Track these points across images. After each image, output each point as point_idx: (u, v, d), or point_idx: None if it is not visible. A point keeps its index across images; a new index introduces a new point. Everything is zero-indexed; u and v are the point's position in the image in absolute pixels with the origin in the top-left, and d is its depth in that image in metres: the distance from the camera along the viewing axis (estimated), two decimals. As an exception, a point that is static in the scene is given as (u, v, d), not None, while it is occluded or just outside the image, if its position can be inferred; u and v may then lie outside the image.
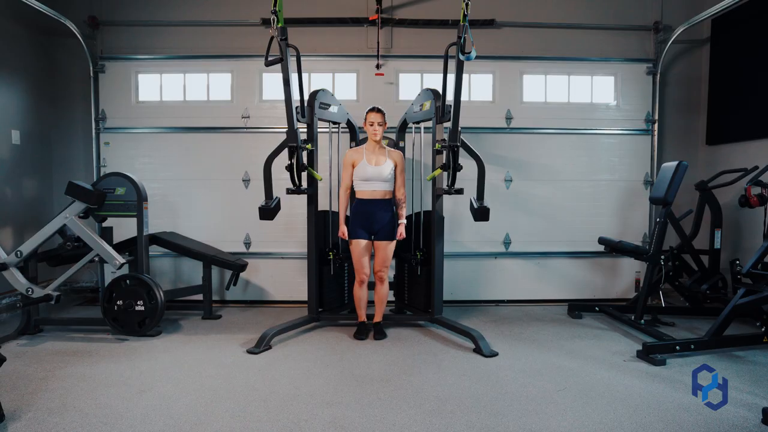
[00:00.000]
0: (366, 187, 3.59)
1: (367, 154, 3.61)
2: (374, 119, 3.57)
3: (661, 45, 4.76)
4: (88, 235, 3.62)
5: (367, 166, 3.57)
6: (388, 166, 3.61)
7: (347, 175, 3.66)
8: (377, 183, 3.57)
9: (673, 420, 2.37)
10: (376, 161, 3.59)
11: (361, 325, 3.74)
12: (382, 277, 3.67)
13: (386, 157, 3.62)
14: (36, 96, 4.62)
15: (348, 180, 3.66)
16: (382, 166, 3.58)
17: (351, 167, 3.63)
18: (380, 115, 3.58)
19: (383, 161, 3.61)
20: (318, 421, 2.36)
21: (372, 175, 3.55)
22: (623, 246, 4.10)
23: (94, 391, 2.68)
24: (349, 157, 3.65)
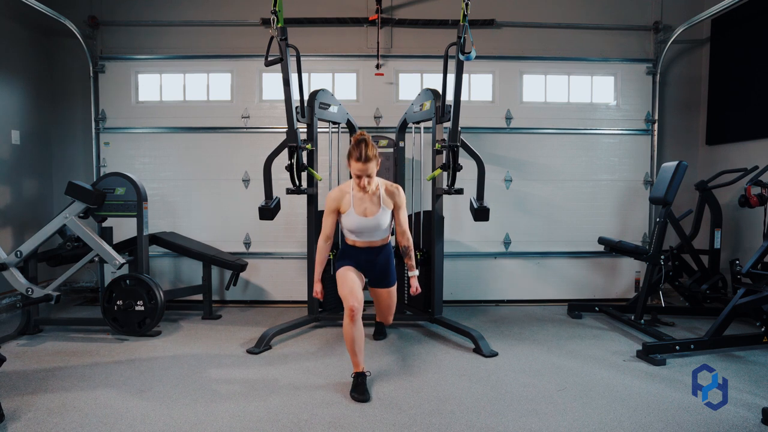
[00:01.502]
0: (358, 238, 2.90)
1: (356, 201, 2.81)
2: (360, 171, 2.67)
3: (661, 45, 4.76)
4: (87, 235, 3.62)
5: (358, 218, 2.81)
6: (385, 215, 2.84)
7: (329, 223, 2.86)
8: (371, 233, 2.87)
9: (673, 420, 2.37)
10: (369, 210, 2.82)
11: (359, 377, 2.67)
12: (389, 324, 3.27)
13: (380, 203, 2.83)
14: (36, 96, 4.62)
15: (330, 229, 2.87)
16: (376, 216, 2.82)
17: (334, 214, 2.86)
18: (368, 164, 2.66)
19: (377, 210, 2.82)
20: (318, 421, 2.36)
21: (364, 227, 2.83)
22: (623, 246, 4.10)
23: (94, 391, 2.68)
24: (331, 201, 2.84)
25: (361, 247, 2.92)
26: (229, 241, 4.69)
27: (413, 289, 2.95)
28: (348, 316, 2.65)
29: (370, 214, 2.82)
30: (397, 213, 2.91)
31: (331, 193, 2.89)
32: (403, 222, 2.92)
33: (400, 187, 2.93)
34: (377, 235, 2.89)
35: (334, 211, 2.86)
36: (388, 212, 2.88)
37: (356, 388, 2.63)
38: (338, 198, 2.84)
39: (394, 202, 2.89)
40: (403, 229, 2.93)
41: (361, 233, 2.87)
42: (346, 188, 2.87)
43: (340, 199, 2.84)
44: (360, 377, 2.66)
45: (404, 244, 2.95)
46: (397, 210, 2.90)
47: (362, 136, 2.71)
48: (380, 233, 2.90)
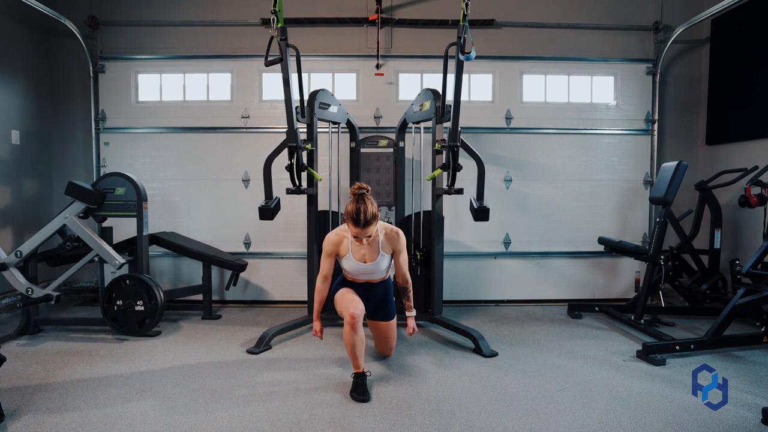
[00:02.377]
0: (357, 278, 2.95)
1: (354, 248, 2.84)
2: (358, 234, 2.66)
3: (661, 45, 4.76)
4: (87, 235, 3.61)
5: (356, 264, 2.85)
6: (384, 260, 2.88)
7: (327, 265, 2.86)
8: (370, 276, 2.93)
9: (673, 420, 2.37)
10: (368, 256, 2.85)
11: (360, 378, 2.65)
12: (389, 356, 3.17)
13: (379, 249, 2.84)
14: (36, 96, 4.62)
15: (328, 270, 2.87)
16: (375, 262, 2.86)
17: (332, 257, 2.88)
18: (366, 230, 2.63)
19: (376, 255, 2.85)
20: (318, 421, 2.36)
21: (363, 272, 2.90)
22: (623, 246, 4.10)
23: (94, 391, 2.68)
24: (329, 245, 2.84)
25: (359, 283, 2.97)
26: (229, 241, 4.69)
27: (409, 330, 2.94)
28: (348, 324, 2.65)
29: (369, 260, 2.86)
30: (396, 258, 2.91)
31: (330, 236, 2.87)
32: (402, 266, 2.92)
33: (401, 232, 2.91)
34: (376, 275, 2.94)
35: (332, 255, 2.87)
36: (387, 257, 2.91)
37: (356, 388, 2.63)
38: (336, 242, 2.85)
39: (394, 248, 2.88)
40: (402, 273, 2.93)
41: (360, 275, 2.93)
42: (344, 233, 2.85)
43: (339, 243, 2.85)
44: (360, 377, 2.65)
45: (402, 285, 2.95)
46: (397, 255, 2.90)
47: (361, 191, 2.68)
48: (379, 274, 2.94)
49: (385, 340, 3.07)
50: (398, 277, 2.96)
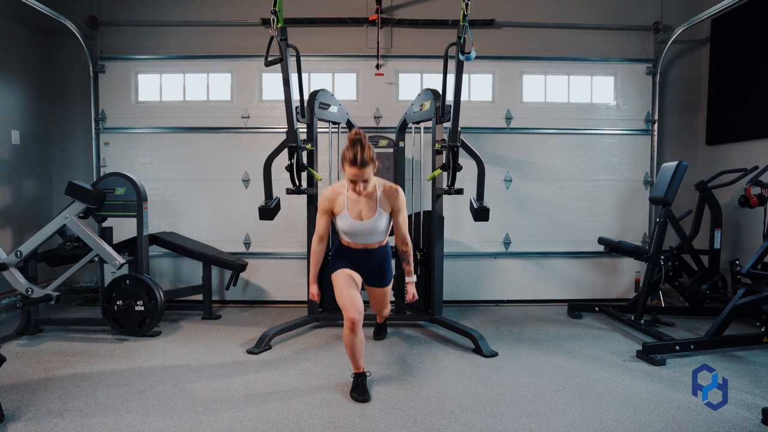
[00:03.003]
0: (353, 240, 2.75)
1: (350, 204, 2.65)
2: (356, 177, 2.50)
3: (661, 45, 4.76)
4: (87, 235, 3.61)
5: (352, 221, 2.66)
6: (382, 219, 2.68)
7: (322, 224, 2.73)
8: (368, 237, 2.73)
9: (673, 420, 2.37)
10: (365, 213, 2.66)
11: (360, 378, 2.66)
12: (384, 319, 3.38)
13: (377, 206, 2.66)
14: (36, 96, 4.62)
15: (323, 230, 2.75)
16: (372, 219, 2.66)
17: (328, 215, 2.72)
18: (364, 170, 2.48)
19: (374, 213, 2.65)
20: (318, 421, 2.36)
21: (360, 231, 2.69)
22: (623, 246, 4.10)
23: (94, 391, 2.68)
24: (324, 201, 2.69)
25: (356, 248, 2.77)
26: (229, 241, 4.69)
27: (409, 296, 2.83)
28: (348, 328, 2.58)
29: (366, 217, 2.65)
30: (395, 217, 2.72)
31: (325, 192, 2.71)
32: (402, 226, 2.74)
33: (401, 189, 2.74)
34: (373, 238, 2.75)
35: (327, 212, 2.71)
36: (386, 216, 2.71)
37: (356, 388, 2.62)
38: (332, 198, 2.68)
39: (393, 206, 2.70)
40: (402, 233, 2.75)
41: (356, 236, 2.72)
42: (340, 188, 2.69)
43: (334, 199, 2.68)
44: (360, 377, 2.65)
45: (402, 249, 2.79)
46: (396, 213, 2.72)
47: (358, 136, 2.52)
48: (376, 236, 2.74)
49: (379, 303, 3.07)
50: (397, 239, 2.78)
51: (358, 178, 2.50)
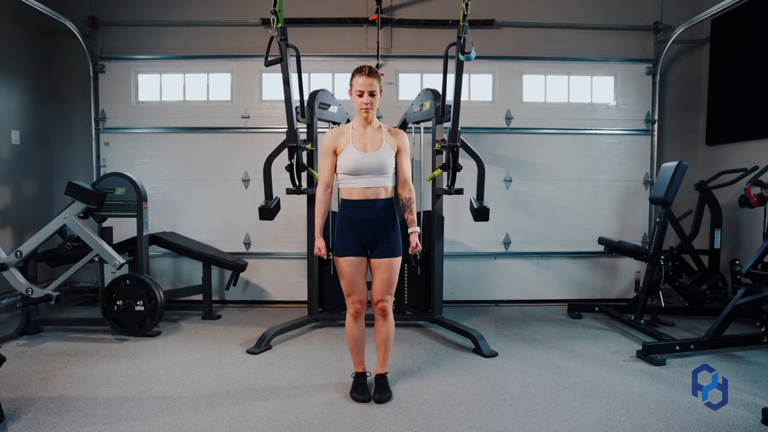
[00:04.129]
0: (356, 183, 2.54)
1: (355, 137, 2.55)
2: (363, 86, 2.51)
3: (661, 45, 4.76)
4: (87, 235, 3.61)
5: (357, 153, 2.51)
6: (387, 152, 2.55)
7: (327, 167, 2.60)
8: (372, 177, 2.53)
9: (673, 420, 2.37)
10: (370, 145, 2.54)
11: (360, 378, 2.67)
12: (385, 308, 2.60)
13: (383, 140, 2.56)
14: (36, 96, 4.62)
15: (328, 174, 2.60)
16: (378, 152, 2.53)
17: (332, 155, 2.58)
18: (372, 79, 2.52)
19: (379, 145, 2.54)
20: (318, 421, 2.36)
21: (364, 165, 2.51)
22: (623, 246, 4.10)
23: (94, 391, 2.68)
24: (329, 140, 2.58)
25: (360, 200, 2.54)
26: (229, 241, 4.69)
27: (413, 246, 2.62)
28: (351, 315, 2.60)
29: (372, 149, 2.53)
30: (399, 158, 2.62)
31: (329, 132, 2.61)
32: (405, 168, 2.63)
33: (404, 132, 2.72)
34: (379, 180, 2.53)
35: (331, 152, 2.58)
36: (392, 153, 2.58)
37: (356, 388, 2.62)
38: (335, 137, 2.58)
39: (398, 145, 2.60)
40: (405, 177, 2.63)
41: (360, 173, 2.51)
42: (343, 128, 2.62)
43: (338, 137, 2.57)
44: (360, 377, 2.65)
45: (405, 195, 2.65)
46: (401, 154, 2.62)
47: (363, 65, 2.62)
48: (382, 177, 2.54)
49: (387, 280, 2.58)
50: (400, 186, 2.66)
51: (366, 88, 2.50)
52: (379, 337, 2.65)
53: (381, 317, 2.62)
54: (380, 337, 2.64)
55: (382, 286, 2.58)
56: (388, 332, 2.63)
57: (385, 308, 2.59)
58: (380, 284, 2.58)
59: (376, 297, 2.59)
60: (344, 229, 2.58)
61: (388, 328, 2.63)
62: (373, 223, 2.55)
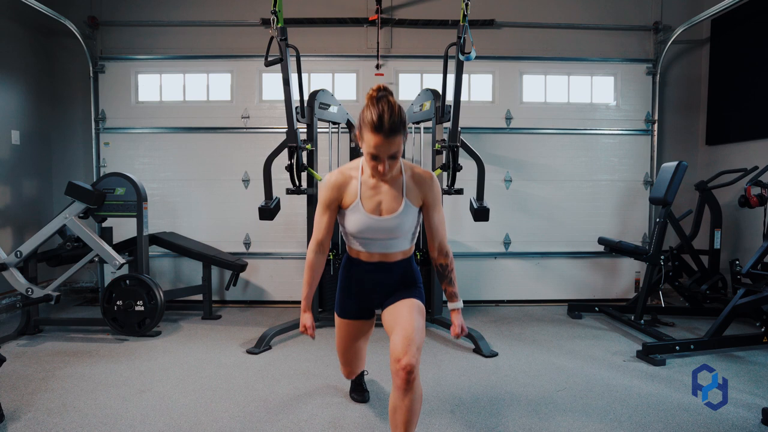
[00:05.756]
0: (364, 248, 1.97)
1: (365, 192, 1.88)
2: (380, 150, 1.73)
3: (660, 45, 4.77)
4: (87, 236, 3.61)
5: (366, 217, 1.87)
6: (408, 213, 1.89)
7: (323, 224, 1.94)
8: (386, 242, 1.93)
9: (673, 420, 2.37)
10: (385, 205, 1.87)
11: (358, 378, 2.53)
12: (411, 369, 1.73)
13: (402, 195, 1.88)
14: (36, 96, 4.62)
15: (323, 232, 1.95)
16: (396, 214, 1.87)
17: (332, 210, 1.93)
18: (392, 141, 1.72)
19: (398, 205, 1.87)
20: (318, 421, 2.36)
21: (376, 233, 1.90)
22: (623, 246, 4.10)
23: (94, 391, 2.68)
24: (329, 191, 1.91)
25: (369, 262, 1.99)
26: (229, 241, 4.69)
27: (456, 329, 1.94)
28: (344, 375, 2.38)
29: (387, 211, 1.87)
30: (428, 214, 1.94)
31: (330, 177, 1.92)
32: (438, 227, 1.94)
33: (435, 176, 1.95)
34: (395, 244, 1.95)
35: (332, 206, 1.91)
36: (415, 210, 1.91)
37: (355, 388, 2.61)
38: (340, 185, 1.90)
39: (425, 197, 1.91)
40: (439, 238, 1.95)
41: (372, 241, 1.93)
42: (351, 171, 1.92)
43: (343, 187, 1.90)
44: (358, 378, 2.63)
45: (441, 261, 1.97)
46: (430, 209, 1.93)
47: (382, 91, 1.78)
48: (399, 242, 1.95)
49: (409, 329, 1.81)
50: (432, 249, 1.97)
51: (382, 153, 1.73)
52: (400, 416, 1.77)
53: (403, 385, 1.73)
54: (401, 416, 1.77)
55: (405, 338, 1.78)
56: (412, 409, 1.76)
57: (412, 369, 1.72)
58: (401, 334, 1.80)
59: (397, 352, 1.75)
60: (347, 289, 2.08)
61: (412, 403, 1.76)
62: (384, 287, 2.02)
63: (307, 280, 2.02)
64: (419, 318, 1.89)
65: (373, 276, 2.01)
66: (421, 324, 1.88)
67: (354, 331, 2.13)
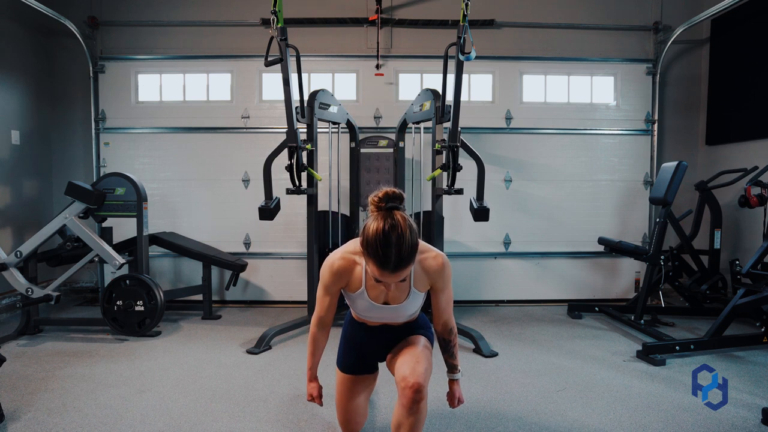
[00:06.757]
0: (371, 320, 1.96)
1: (370, 280, 1.79)
2: (386, 279, 1.61)
3: (660, 45, 4.77)
4: (87, 236, 3.62)
5: (371, 305, 1.84)
6: (415, 300, 1.84)
7: (325, 305, 1.88)
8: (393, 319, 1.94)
9: (672, 420, 2.37)
10: (390, 294, 1.80)
11: None
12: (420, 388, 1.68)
13: (409, 285, 1.80)
14: (36, 96, 4.62)
15: (325, 312, 1.90)
16: (401, 304, 1.83)
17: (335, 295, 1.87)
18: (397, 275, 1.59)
19: (404, 295, 1.81)
20: (318, 421, 2.36)
21: (380, 316, 1.90)
22: (623, 246, 4.10)
23: (94, 391, 2.68)
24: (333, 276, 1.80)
25: (374, 326, 1.98)
26: (229, 241, 4.68)
27: (453, 401, 1.95)
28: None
29: (394, 300, 1.82)
30: (436, 295, 1.87)
31: (333, 261, 1.80)
32: (446, 309, 1.89)
33: (446, 260, 1.82)
34: (400, 319, 1.94)
35: (334, 290, 1.85)
36: (420, 296, 1.85)
37: None
38: (342, 272, 1.79)
39: (434, 283, 1.83)
40: (445, 319, 1.90)
41: (376, 318, 1.93)
42: (355, 256, 1.80)
43: (347, 274, 1.80)
44: None
45: (445, 337, 1.92)
46: (437, 293, 1.86)
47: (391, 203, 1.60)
48: (404, 318, 1.93)
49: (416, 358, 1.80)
50: (437, 324, 1.93)
51: (389, 281, 1.64)
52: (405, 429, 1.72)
53: (409, 404, 1.68)
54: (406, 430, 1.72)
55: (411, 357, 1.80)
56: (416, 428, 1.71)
57: (420, 387, 1.67)
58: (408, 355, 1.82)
59: (404, 371, 1.73)
60: (350, 344, 2.04)
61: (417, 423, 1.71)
62: (390, 345, 1.98)
63: (311, 351, 1.99)
64: (426, 349, 1.89)
65: (378, 337, 1.99)
66: (428, 353, 1.88)
67: (356, 387, 2.04)
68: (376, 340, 1.99)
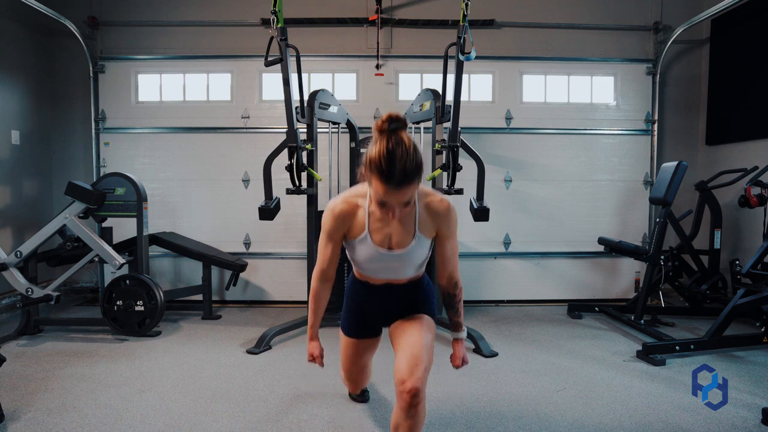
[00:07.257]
0: (372, 274, 1.90)
1: (374, 222, 1.74)
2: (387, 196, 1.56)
3: (660, 45, 4.77)
4: (87, 236, 3.62)
5: (375, 250, 1.76)
6: (421, 246, 1.77)
7: (327, 254, 1.83)
8: (395, 272, 1.85)
9: (673, 420, 2.37)
10: (395, 237, 1.74)
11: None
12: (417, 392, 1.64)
13: (415, 228, 1.74)
14: (36, 96, 4.62)
15: (327, 263, 1.85)
16: (406, 249, 1.75)
17: (337, 241, 1.81)
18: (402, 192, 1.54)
19: (409, 239, 1.74)
20: (318, 421, 2.36)
21: (384, 265, 1.81)
22: (623, 246, 4.10)
23: (94, 391, 2.68)
24: (334, 221, 1.76)
25: (377, 285, 1.92)
26: (229, 241, 4.68)
27: (457, 361, 1.90)
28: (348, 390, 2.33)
29: (398, 245, 1.74)
30: (441, 243, 1.80)
31: (334, 206, 1.76)
32: (451, 259, 1.83)
33: (452, 205, 1.79)
34: (405, 272, 1.85)
35: (336, 236, 1.78)
36: (427, 242, 1.78)
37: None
38: (345, 215, 1.75)
39: (439, 228, 1.77)
40: (450, 269, 1.84)
41: (380, 271, 1.85)
42: (357, 199, 1.76)
43: (349, 217, 1.75)
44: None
45: (449, 291, 1.88)
46: (444, 240, 1.79)
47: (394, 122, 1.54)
48: (410, 271, 1.85)
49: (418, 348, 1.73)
50: (442, 278, 1.87)
51: (393, 202, 1.57)
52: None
53: (407, 408, 1.65)
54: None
55: (410, 356, 1.70)
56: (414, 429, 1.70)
57: (417, 392, 1.63)
58: (408, 353, 1.73)
59: (402, 373, 1.67)
60: (353, 308, 2.01)
61: (415, 424, 1.69)
62: (393, 306, 1.94)
63: (312, 309, 1.95)
64: (428, 335, 1.81)
65: (381, 297, 1.93)
66: (430, 341, 1.80)
67: (360, 350, 2.08)
68: (378, 299, 1.93)
